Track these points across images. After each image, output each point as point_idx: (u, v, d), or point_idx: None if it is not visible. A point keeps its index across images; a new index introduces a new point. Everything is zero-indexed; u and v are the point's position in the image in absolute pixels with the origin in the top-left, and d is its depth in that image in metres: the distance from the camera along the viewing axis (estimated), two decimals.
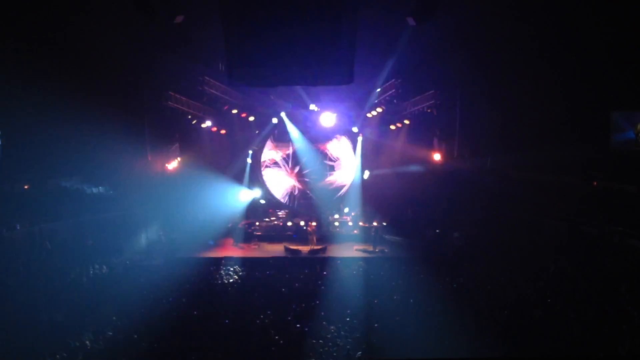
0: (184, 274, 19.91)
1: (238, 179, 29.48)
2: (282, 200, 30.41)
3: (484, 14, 20.76)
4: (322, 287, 17.56)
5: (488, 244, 22.16)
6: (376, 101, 27.10)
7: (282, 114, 29.11)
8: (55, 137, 21.94)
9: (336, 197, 30.34)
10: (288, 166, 30.66)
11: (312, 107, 28.88)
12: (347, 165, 30.50)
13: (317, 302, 15.67)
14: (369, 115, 29.10)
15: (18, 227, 21.11)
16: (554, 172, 24.43)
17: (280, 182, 30.75)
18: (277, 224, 27.81)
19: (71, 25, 20.03)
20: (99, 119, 22.99)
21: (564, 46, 21.41)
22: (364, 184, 29.73)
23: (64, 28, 20.07)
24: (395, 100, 25.85)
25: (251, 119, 28.98)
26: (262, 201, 29.97)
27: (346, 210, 29.36)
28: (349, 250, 24.65)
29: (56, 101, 21.07)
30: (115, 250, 22.23)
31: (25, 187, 25.05)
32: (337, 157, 30.53)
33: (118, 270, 20.24)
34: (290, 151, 30.52)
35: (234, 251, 24.55)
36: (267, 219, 28.21)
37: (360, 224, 27.35)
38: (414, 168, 27.48)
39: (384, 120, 28.79)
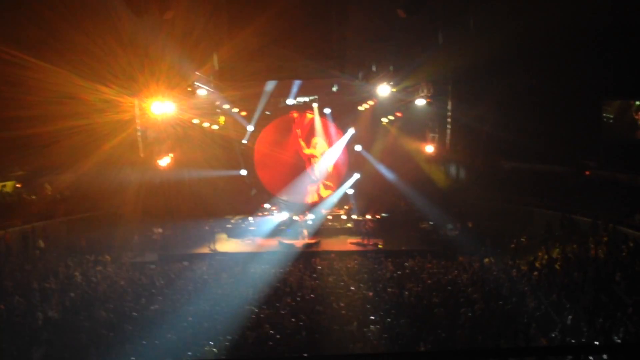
0: (178, 270, 19.90)
1: (231, 173, 29.45)
2: (275, 194, 30.35)
3: (475, 6, 20.80)
4: (317, 281, 17.56)
5: (481, 235, 22.19)
6: (368, 94, 27.03)
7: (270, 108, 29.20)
8: (47, 135, 21.86)
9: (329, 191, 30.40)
10: (281, 160, 30.61)
11: (305, 100, 28.93)
12: (340, 159, 30.48)
13: (312, 295, 15.69)
14: (360, 108, 29.07)
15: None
16: (546, 162, 24.51)
17: (273, 176, 30.69)
18: (271, 218, 27.75)
19: (64, 27, 19.90)
20: (91, 115, 22.91)
21: (556, 37, 21.45)
22: (357, 177, 29.79)
23: (57, 31, 19.93)
24: (387, 93, 25.79)
25: (243, 114, 28.90)
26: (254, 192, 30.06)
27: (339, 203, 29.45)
28: (342, 244, 24.66)
29: (46, 98, 20.97)
30: (110, 248, 22.18)
31: (18, 185, 24.99)
32: (331, 151, 30.51)
33: (112, 268, 20.19)
34: (283, 145, 30.48)
35: (228, 246, 24.51)
36: (260, 213, 28.16)
37: (354, 217, 27.33)
38: (407, 160, 27.48)
39: (376, 112, 28.75)
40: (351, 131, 29.73)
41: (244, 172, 30.07)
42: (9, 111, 20.59)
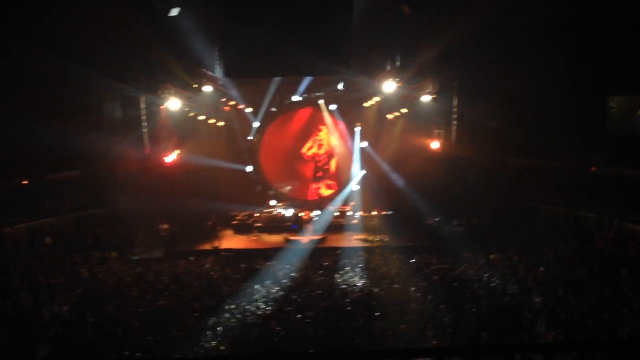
0: (184, 266, 19.93)
1: (236, 170, 29.50)
2: (281, 190, 30.38)
3: (481, 1, 20.69)
4: (323, 277, 17.59)
5: (487, 232, 22.17)
6: (374, 90, 26.98)
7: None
8: (53, 130, 21.94)
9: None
10: (287, 157, 30.63)
11: (311, 96, 28.95)
12: (346, 155, 30.48)
13: (318, 291, 15.70)
14: (366, 104, 29.03)
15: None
16: (552, 157, 24.45)
17: (279, 173, 30.73)
18: (277, 215, 27.79)
19: (68, 21, 19.99)
20: (96, 111, 22.98)
21: (562, 32, 21.35)
22: (363, 173, 29.78)
23: (61, 25, 20.02)
24: (392, 89, 25.72)
25: (249, 110, 28.92)
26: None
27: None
28: (348, 240, 24.66)
29: (52, 94, 21.07)
30: (116, 244, 22.25)
31: (24, 182, 25.04)
32: (336, 146, 30.52)
33: (119, 264, 20.25)
34: (288, 142, 30.49)
35: (234, 243, 24.55)
36: (266, 210, 28.19)
37: (360, 213, 27.33)
38: (412, 156, 27.45)
39: (382, 109, 28.73)
40: (357, 128, 29.72)
41: (249, 169, 30.10)
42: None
